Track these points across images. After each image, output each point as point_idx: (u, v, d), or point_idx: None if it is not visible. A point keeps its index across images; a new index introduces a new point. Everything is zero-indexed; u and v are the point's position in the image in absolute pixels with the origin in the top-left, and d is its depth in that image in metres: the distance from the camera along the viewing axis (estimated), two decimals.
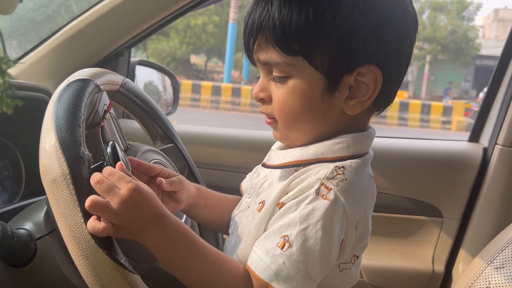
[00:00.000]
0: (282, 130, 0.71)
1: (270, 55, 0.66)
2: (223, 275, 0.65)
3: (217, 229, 0.96)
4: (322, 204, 0.63)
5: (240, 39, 16.38)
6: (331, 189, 0.63)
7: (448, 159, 1.48)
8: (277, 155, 0.73)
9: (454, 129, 12.01)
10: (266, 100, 0.70)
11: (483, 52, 20.93)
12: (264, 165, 0.75)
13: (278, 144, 0.79)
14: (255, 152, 1.46)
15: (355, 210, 0.65)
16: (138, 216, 0.62)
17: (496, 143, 1.43)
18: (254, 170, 0.88)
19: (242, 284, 0.64)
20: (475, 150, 1.48)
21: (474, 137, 1.54)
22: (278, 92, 0.68)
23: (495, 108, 1.49)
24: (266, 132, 1.57)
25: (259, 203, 0.72)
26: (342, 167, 0.66)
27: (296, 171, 0.69)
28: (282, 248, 0.62)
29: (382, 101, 0.70)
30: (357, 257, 0.72)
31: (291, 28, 0.63)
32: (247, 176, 0.89)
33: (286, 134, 0.71)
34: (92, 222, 0.59)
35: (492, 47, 19.65)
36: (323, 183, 0.64)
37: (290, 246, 0.62)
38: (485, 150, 1.47)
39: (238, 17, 14.73)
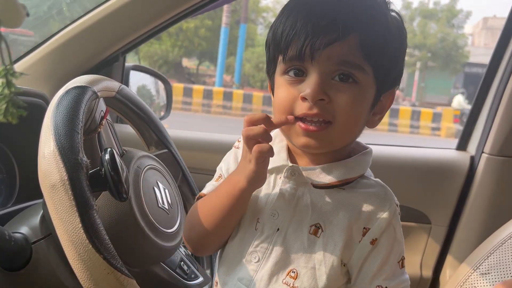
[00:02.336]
0: (330, 137, 0.70)
1: (355, 57, 0.67)
2: None
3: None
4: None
5: (232, 44, 16.39)
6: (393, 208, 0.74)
7: (436, 167, 1.51)
8: (313, 173, 0.73)
9: (443, 135, 12.12)
10: (325, 101, 0.68)
11: (472, 59, 21.17)
12: (317, 186, 0.74)
13: (282, 148, 0.78)
14: None
15: None
16: None
17: (483, 152, 1.46)
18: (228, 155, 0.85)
19: None
20: (463, 158, 1.51)
21: (462, 145, 1.57)
22: (345, 94, 0.68)
23: (482, 117, 1.52)
24: None
25: (311, 226, 0.72)
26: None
27: (340, 188, 0.73)
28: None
29: None
30: None
31: (380, 40, 0.68)
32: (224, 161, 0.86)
33: (332, 141, 0.71)
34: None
35: (481, 55, 19.88)
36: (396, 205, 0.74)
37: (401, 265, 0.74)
38: (472, 158, 1.49)
39: (230, 21, 14.74)
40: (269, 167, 0.73)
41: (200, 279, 0.96)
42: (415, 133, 12.36)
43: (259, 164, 0.69)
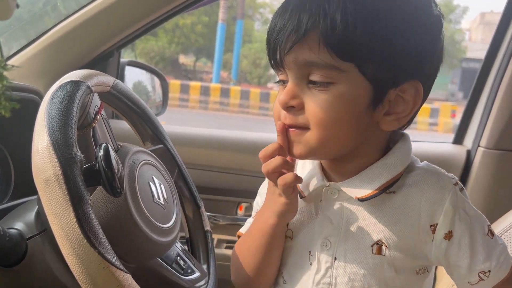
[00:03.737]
0: (311, 142, 0.65)
1: (320, 56, 0.61)
2: None
3: None
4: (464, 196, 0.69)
5: (228, 40, 16.36)
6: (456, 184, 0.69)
7: (433, 161, 1.48)
8: (353, 185, 0.68)
9: (441, 130, 12.15)
10: (297, 108, 0.65)
11: (470, 55, 21.21)
12: (361, 199, 0.67)
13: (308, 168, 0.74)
14: (245, 153, 1.48)
15: None
16: None
17: (479, 145, 1.46)
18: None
19: None
20: (459, 152, 1.51)
21: (458, 139, 1.57)
22: (317, 98, 0.63)
23: (478, 111, 1.52)
24: (256, 134, 1.59)
25: (372, 246, 0.67)
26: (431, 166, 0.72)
27: (389, 192, 0.67)
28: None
29: (411, 117, 0.69)
30: None
31: (354, 34, 0.60)
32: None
33: (316, 146, 0.65)
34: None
35: (479, 50, 19.88)
36: (455, 186, 0.69)
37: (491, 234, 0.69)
38: (468, 152, 1.50)
39: (227, 17, 14.71)
40: (307, 192, 0.70)
41: (197, 274, 0.96)
42: (413, 128, 12.33)
43: (289, 195, 0.67)
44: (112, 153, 0.67)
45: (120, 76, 1.55)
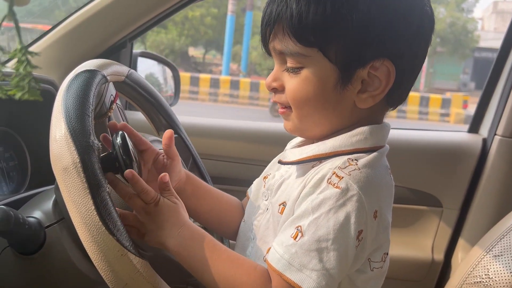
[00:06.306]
0: (294, 120, 0.72)
1: (286, 45, 0.67)
2: (239, 273, 0.67)
3: (204, 223, 0.89)
4: (333, 193, 0.63)
5: (238, 32, 16.30)
6: (342, 177, 0.63)
7: (448, 150, 1.50)
8: (293, 152, 0.74)
9: (452, 121, 12.03)
10: (278, 89, 0.72)
11: (482, 44, 20.88)
12: (281, 162, 0.75)
13: (292, 143, 0.81)
14: (258, 143, 1.47)
15: (371, 199, 0.64)
16: (161, 225, 0.67)
17: (495, 134, 1.44)
18: (261, 175, 0.86)
19: (257, 281, 0.66)
20: (475, 140, 1.49)
21: (474, 128, 1.55)
22: (291, 81, 0.69)
23: (494, 99, 1.50)
24: (269, 124, 1.58)
25: (279, 205, 0.72)
26: (355, 159, 0.66)
27: (313, 167, 0.69)
28: (295, 239, 0.64)
29: (396, 97, 0.71)
30: (387, 254, 0.72)
31: (307, 19, 0.64)
32: (254, 182, 0.87)
33: (298, 124, 0.72)
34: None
35: (491, 40, 19.58)
36: (334, 172, 0.64)
37: (302, 235, 0.63)
38: (484, 140, 1.48)
39: (236, 9, 14.64)
40: None
41: None
42: (424, 119, 12.26)
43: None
44: (130, 142, 0.67)
45: (133, 67, 1.55)
